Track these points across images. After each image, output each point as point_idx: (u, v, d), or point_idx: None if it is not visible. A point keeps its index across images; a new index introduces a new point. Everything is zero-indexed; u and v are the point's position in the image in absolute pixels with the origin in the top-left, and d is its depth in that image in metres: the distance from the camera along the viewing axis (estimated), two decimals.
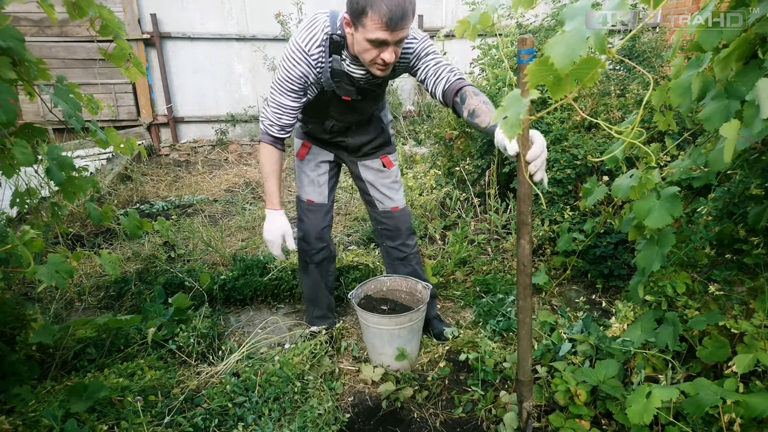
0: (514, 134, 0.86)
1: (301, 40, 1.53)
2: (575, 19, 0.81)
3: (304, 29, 1.54)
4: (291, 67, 1.55)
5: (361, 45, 1.45)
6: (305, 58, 1.54)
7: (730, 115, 1.01)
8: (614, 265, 2.41)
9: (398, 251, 2.05)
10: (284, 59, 1.56)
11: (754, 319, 1.35)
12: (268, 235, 1.73)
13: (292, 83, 1.57)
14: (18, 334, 1.80)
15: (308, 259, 1.99)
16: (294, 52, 1.54)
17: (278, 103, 1.61)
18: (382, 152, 1.94)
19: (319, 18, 1.55)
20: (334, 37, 1.54)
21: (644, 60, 3.65)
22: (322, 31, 1.53)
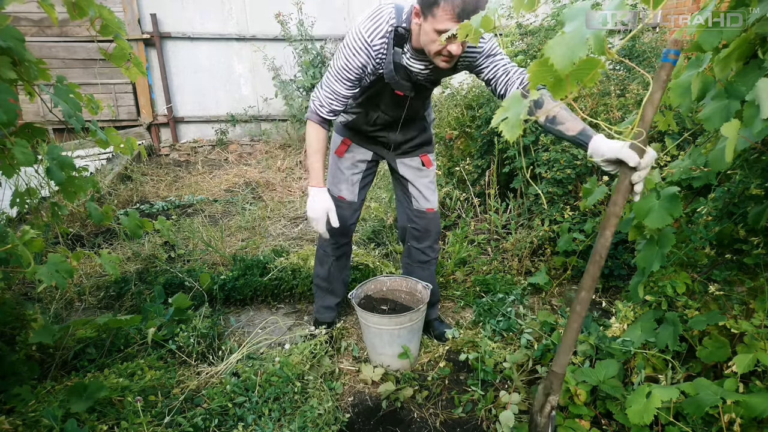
0: (515, 135, 0.86)
1: (364, 30, 1.52)
2: (575, 21, 0.81)
3: (368, 19, 1.53)
4: (351, 56, 1.54)
5: (429, 36, 1.42)
6: (367, 48, 1.52)
7: (730, 115, 1.01)
8: (614, 265, 2.41)
9: (422, 254, 2.05)
10: (346, 47, 1.54)
11: (754, 319, 1.36)
12: (313, 213, 1.69)
13: (350, 72, 1.56)
14: (18, 334, 1.80)
15: (330, 251, 1.99)
16: (356, 41, 1.52)
17: (332, 90, 1.61)
18: (422, 150, 1.93)
19: (384, 9, 1.53)
20: (399, 30, 1.52)
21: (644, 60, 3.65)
22: (387, 23, 1.52)
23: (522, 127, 0.86)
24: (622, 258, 2.41)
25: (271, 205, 3.87)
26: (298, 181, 4.59)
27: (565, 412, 1.55)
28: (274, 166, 5.01)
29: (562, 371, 1.30)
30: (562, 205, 2.60)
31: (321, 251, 2.04)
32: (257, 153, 5.61)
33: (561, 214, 2.56)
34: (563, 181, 2.58)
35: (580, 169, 2.55)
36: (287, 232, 3.42)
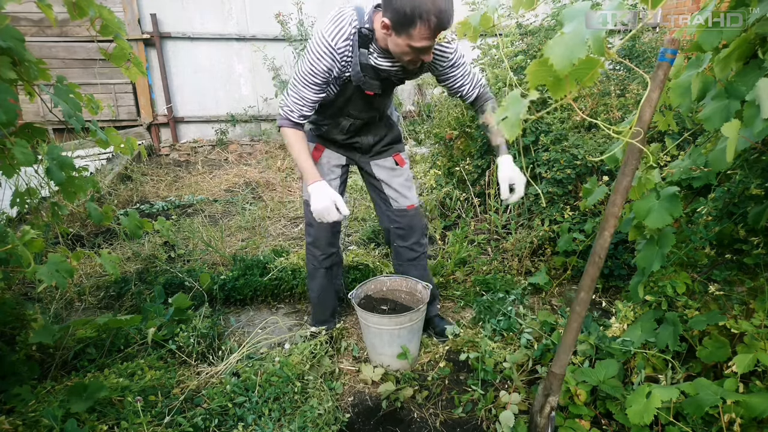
0: (514, 134, 0.86)
1: (327, 34, 1.52)
2: (574, 21, 0.81)
3: (330, 22, 1.53)
4: (316, 60, 1.54)
5: (402, 48, 1.47)
6: (331, 51, 1.53)
7: (730, 115, 1.01)
8: (614, 265, 2.41)
9: (410, 251, 2.05)
10: (309, 52, 1.55)
11: (754, 319, 1.36)
12: (320, 204, 1.63)
13: (316, 77, 1.56)
14: (18, 334, 1.80)
15: (317, 264, 1.99)
16: (319, 45, 1.52)
17: (300, 95, 1.61)
18: (393, 150, 1.95)
19: (345, 12, 1.54)
20: (363, 31, 1.53)
21: (644, 60, 3.65)
22: (349, 25, 1.52)
23: (521, 126, 0.86)
24: (622, 258, 2.41)
25: (271, 205, 3.87)
26: (298, 181, 4.59)
27: (565, 412, 1.55)
28: (274, 166, 5.01)
29: (562, 371, 1.30)
30: (562, 205, 2.60)
31: (311, 265, 2.02)
32: (257, 153, 5.61)
33: (561, 214, 2.56)
34: (563, 181, 2.58)
35: (580, 169, 2.55)
36: (287, 232, 3.42)
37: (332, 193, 1.65)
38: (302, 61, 1.58)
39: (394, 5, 1.37)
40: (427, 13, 1.35)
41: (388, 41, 1.50)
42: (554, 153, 2.60)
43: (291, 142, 1.67)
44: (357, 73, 1.60)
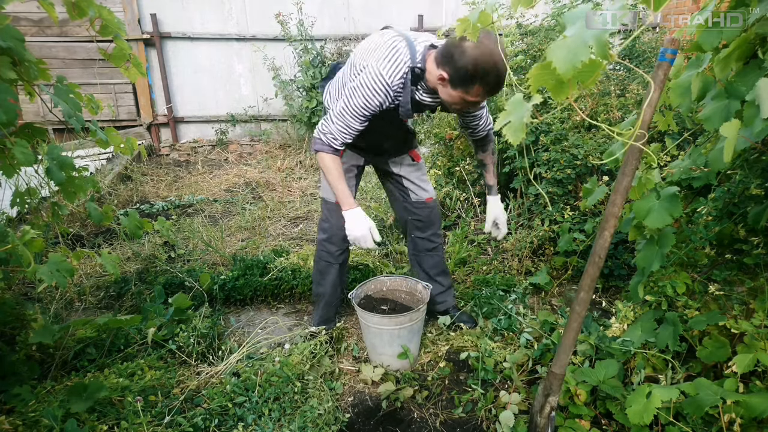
0: (518, 138, 0.86)
1: (385, 72, 1.55)
2: (576, 24, 0.81)
3: (385, 59, 1.56)
4: (371, 96, 1.57)
5: (454, 99, 1.54)
6: (386, 89, 1.57)
7: (730, 115, 1.01)
8: (614, 265, 2.41)
9: (428, 242, 2.10)
10: (364, 86, 1.57)
11: (754, 319, 1.36)
12: (357, 232, 1.68)
13: (368, 110, 1.60)
14: (18, 334, 1.80)
15: (332, 260, 2.01)
16: (376, 82, 1.56)
17: (347, 125, 1.63)
18: (409, 148, 2.00)
19: (399, 48, 1.57)
20: (415, 70, 1.58)
21: (644, 60, 3.65)
22: (404, 63, 1.56)
23: (525, 130, 0.86)
24: (622, 258, 2.41)
25: (271, 205, 3.87)
26: (298, 181, 4.59)
27: (565, 412, 1.55)
28: (274, 166, 5.01)
29: (562, 372, 1.30)
30: (562, 205, 2.60)
31: (323, 262, 2.04)
32: (257, 153, 5.61)
33: (561, 214, 2.56)
34: (563, 181, 2.58)
35: (580, 169, 2.55)
36: (287, 232, 3.42)
37: (368, 221, 1.70)
38: (355, 93, 1.60)
39: (456, 63, 1.43)
40: (488, 75, 1.42)
41: (441, 89, 1.56)
42: (554, 153, 2.60)
43: (329, 167, 1.68)
44: (406, 107, 1.65)
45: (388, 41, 1.58)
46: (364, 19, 5.73)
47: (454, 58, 1.43)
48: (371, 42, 1.66)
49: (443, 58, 1.48)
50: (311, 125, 5.36)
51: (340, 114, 1.62)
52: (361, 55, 1.66)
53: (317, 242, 2.04)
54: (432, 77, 1.56)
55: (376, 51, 1.59)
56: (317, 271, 2.08)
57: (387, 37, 1.60)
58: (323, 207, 1.99)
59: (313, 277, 2.12)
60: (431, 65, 1.55)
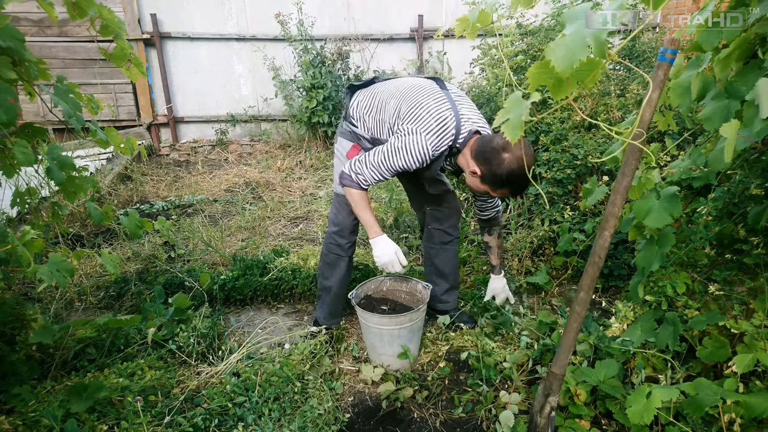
0: (516, 136, 0.86)
1: (430, 145, 1.63)
2: (576, 23, 0.81)
3: (434, 133, 1.63)
4: (411, 161, 1.66)
5: (479, 189, 1.68)
6: (426, 158, 1.66)
7: (730, 115, 1.01)
8: (614, 265, 2.41)
9: (445, 234, 2.12)
10: (407, 151, 1.64)
11: (754, 319, 1.36)
12: (386, 258, 1.78)
13: (402, 169, 1.69)
14: (18, 334, 1.80)
15: (342, 252, 2.04)
16: (419, 151, 1.64)
17: (381, 175, 1.72)
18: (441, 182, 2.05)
19: (448, 125, 1.64)
20: (453, 150, 1.70)
21: (644, 60, 3.65)
22: (447, 143, 1.65)
23: (523, 128, 0.86)
24: (622, 258, 2.41)
25: (271, 205, 3.87)
26: (298, 181, 4.59)
27: (565, 412, 1.56)
28: (274, 166, 5.01)
29: (562, 372, 1.30)
30: (562, 205, 2.60)
31: (333, 255, 2.05)
32: (257, 153, 5.61)
33: (561, 214, 2.56)
34: (563, 181, 2.58)
35: (580, 169, 2.55)
36: (287, 232, 3.42)
37: (394, 246, 1.80)
38: (396, 152, 1.66)
39: (492, 167, 1.57)
40: (519, 185, 1.59)
41: (468, 176, 1.68)
42: (554, 153, 2.60)
43: (356, 201, 1.77)
44: (434, 172, 1.78)
45: (439, 112, 1.65)
46: (364, 19, 5.73)
47: (492, 163, 1.56)
48: (421, 99, 1.69)
49: (481, 158, 1.60)
50: (311, 125, 5.35)
51: (378, 165, 1.70)
52: (409, 107, 1.69)
53: (327, 235, 2.06)
54: (464, 161, 1.68)
55: (427, 119, 1.64)
56: (325, 264, 2.08)
57: (440, 107, 1.66)
58: (335, 201, 2.01)
59: (320, 271, 2.11)
60: (467, 151, 1.66)
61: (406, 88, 1.77)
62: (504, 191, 1.63)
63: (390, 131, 1.77)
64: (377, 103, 1.83)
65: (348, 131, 1.93)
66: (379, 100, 1.83)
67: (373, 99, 1.85)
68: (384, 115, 1.80)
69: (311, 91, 5.15)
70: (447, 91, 1.74)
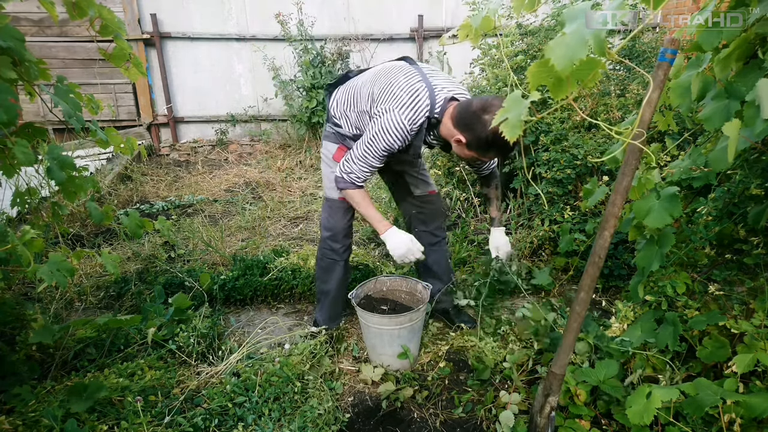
0: (515, 135, 0.86)
1: (405, 119, 1.62)
2: (575, 21, 0.81)
3: (407, 106, 1.62)
4: (391, 140, 1.65)
5: (467, 156, 1.66)
6: (405, 134, 1.65)
7: (730, 115, 1.01)
8: (614, 265, 2.41)
9: (432, 236, 2.12)
10: (385, 131, 1.64)
11: (754, 319, 1.36)
12: (402, 248, 1.78)
13: (387, 151, 1.68)
14: (18, 334, 1.80)
15: (337, 257, 2.03)
16: (397, 128, 1.63)
17: (369, 165, 1.72)
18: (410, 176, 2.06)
19: (420, 94, 1.63)
20: (432, 120, 1.67)
21: (644, 60, 3.65)
22: (424, 113, 1.64)
23: (522, 127, 0.86)
24: (622, 258, 2.41)
25: (271, 205, 3.87)
26: (298, 181, 4.59)
27: (565, 412, 1.55)
28: (274, 166, 5.01)
29: (562, 372, 1.30)
30: (562, 205, 2.60)
31: (328, 260, 2.04)
32: (257, 153, 5.61)
33: (561, 214, 2.56)
34: (563, 181, 2.58)
35: (580, 169, 2.55)
36: (287, 232, 3.42)
37: (405, 235, 1.80)
38: (376, 138, 1.66)
39: (475, 132, 1.53)
40: (505, 145, 1.49)
41: (455, 146, 1.65)
42: (554, 153, 2.60)
43: (359, 200, 1.78)
44: (417, 150, 1.75)
45: (410, 85, 1.64)
46: (364, 19, 5.73)
47: (474, 127, 1.53)
48: (391, 77, 1.69)
49: (463, 124, 1.57)
50: (311, 125, 5.35)
51: (364, 155, 1.70)
52: (381, 89, 1.69)
53: (321, 240, 2.05)
54: (446, 132, 1.65)
55: (399, 95, 1.64)
56: (321, 268, 2.08)
57: (410, 80, 1.65)
58: (326, 205, 2.00)
59: (317, 276, 2.11)
60: (448, 120, 1.63)
61: (376, 72, 1.77)
62: (492, 154, 1.61)
63: (371, 116, 1.76)
64: (354, 95, 1.82)
65: (332, 133, 1.94)
66: (355, 92, 1.82)
67: (350, 93, 1.84)
68: (363, 106, 1.79)
69: (311, 91, 5.15)
70: (418, 66, 1.74)
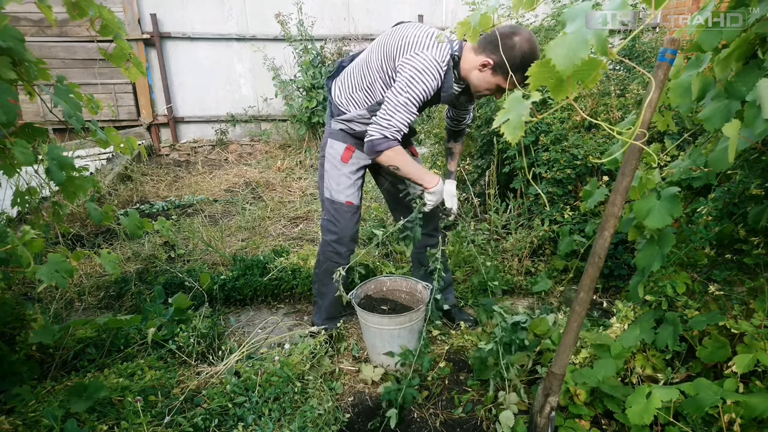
0: (516, 136, 0.86)
1: (437, 55, 1.61)
2: (576, 21, 0.81)
3: (432, 46, 1.62)
4: (430, 80, 1.61)
5: (489, 85, 1.65)
6: (439, 72, 1.63)
7: (730, 115, 1.01)
8: (614, 265, 2.41)
9: (428, 237, 2.13)
10: (422, 72, 1.60)
11: (754, 319, 1.36)
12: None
13: (427, 94, 1.64)
14: (18, 334, 1.80)
15: (342, 261, 1.96)
16: (431, 66, 1.60)
17: (410, 113, 1.65)
18: (409, 143, 2.04)
19: (438, 36, 1.64)
20: (454, 57, 1.67)
21: (644, 60, 3.65)
22: (447, 50, 1.64)
23: (524, 128, 0.86)
24: (622, 258, 2.41)
25: (271, 205, 3.87)
26: (298, 181, 4.59)
27: (565, 412, 1.56)
28: (274, 166, 5.01)
29: (562, 372, 1.30)
30: (562, 205, 2.60)
31: (330, 263, 1.99)
32: (257, 153, 5.61)
33: (561, 214, 2.56)
34: (563, 181, 2.58)
35: (580, 170, 2.55)
36: (287, 232, 3.42)
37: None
38: (412, 81, 1.61)
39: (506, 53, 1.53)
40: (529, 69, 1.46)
41: (476, 75, 1.65)
42: (554, 153, 2.60)
43: (403, 160, 1.70)
44: (448, 91, 1.70)
45: (424, 31, 1.66)
46: (364, 19, 5.73)
47: (504, 48, 1.54)
48: (402, 34, 1.68)
49: (491, 46, 1.58)
50: (311, 125, 5.35)
51: (404, 103, 1.63)
52: (397, 45, 1.67)
53: (323, 243, 1.99)
54: (468, 65, 1.66)
55: (420, 41, 1.64)
56: (323, 271, 2.02)
57: (422, 29, 1.67)
58: (330, 207, 1.93)
59: (317, 277, 2.07)
60: (469, 54, 1.64)
61: (378, 42, 1.75)
62: (518, 77, 1.56)
63: (385, 81, 1.73)
64: (359, 72, 1.79)
65: (337, 130, 1.89)
66: (359, 69, 1.80)
67: (354, 72, 1.82)
68: (372, 76, 1.75)
69: (311, 91, 5.15)
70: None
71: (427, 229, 2.11)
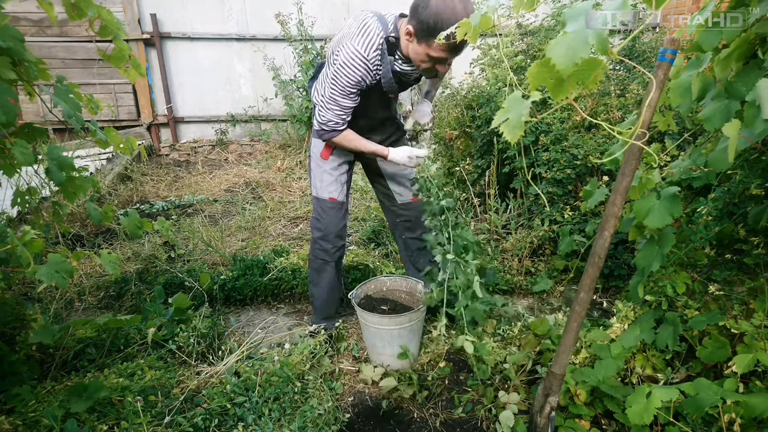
0: (515, 136, 0.86)
1: (359, 46, 1.59)
2: (577, 20, 0.80)
3: (358, 35, 1.61)
4: (351, 73, 1.61)
5: (420, 56, 1.57)
6: (365, 63, 1.61)
7: (730, 115, 1.01)
8: (614, 265, 2.41)
9: (419, 241, 2.12)
10: (344, 66, 1.61)
11: (754, 319, 1.36)
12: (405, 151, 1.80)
13: (352, 87, 1.64)
14: (18, 334, 1.80)
15: (328, 258, 2.02)
16: (352, 58, 1.60)
17: (340, 106, 1.68)
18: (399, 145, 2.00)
19: (369, 22, 1.61)
20: (390, 39, 1.62)
21: (644, 60, 3.64)
22: (376, 35, 1.60)
23: (523, 128, 0.86)
24: (622, 258, 2.41)
25: (271, 205, 3.87)
26: (298, 181, 4.59)
27: (565, 412, 1.56)
28: (274, 166, 5.00)
29: (562, 372, 1.30)
30: (562, 205, 2.59)
31: (319, 260, 2.04)
32: (257, 153, 5.61)
33: (561, 214, 2.56)
34: (563, 181, 2.58)
35: (580, 170, 2.55)
36: (287, 232, 3.42)
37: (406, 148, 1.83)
38: (336, 74, 1.63)
39: (419, 15, 1.46)
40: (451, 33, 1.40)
41: (409, 47, 1.59)
42: (554, 153, 2.60)
43: (351, 139, 1.77)
44: (389, 79, 1.69)
45: (357, 21, 1.64)
46: None
47: (418, 11, 1.47)
48: (342, 29, 1.70)
49: (410, 13, 1.51)
50: (311, 125, 5.34)
51: (330, 99, 1.67)
52: (336, 42, 1.69)
53: (311, 241, 2.05)
54: (403, 41, 1.61)
55: (350, 31, 1.63)
56: (313, 270, 2.08)
57: (357, 17, 1.65)
58: (316, 205, 2.00)
59: (309, 277, 2.12)
60: (402, 29, 1.59)
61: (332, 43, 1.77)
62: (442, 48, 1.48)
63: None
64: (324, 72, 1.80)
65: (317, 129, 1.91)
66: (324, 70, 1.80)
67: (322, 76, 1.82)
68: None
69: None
70: None
71: (416, 233, 2.12)
